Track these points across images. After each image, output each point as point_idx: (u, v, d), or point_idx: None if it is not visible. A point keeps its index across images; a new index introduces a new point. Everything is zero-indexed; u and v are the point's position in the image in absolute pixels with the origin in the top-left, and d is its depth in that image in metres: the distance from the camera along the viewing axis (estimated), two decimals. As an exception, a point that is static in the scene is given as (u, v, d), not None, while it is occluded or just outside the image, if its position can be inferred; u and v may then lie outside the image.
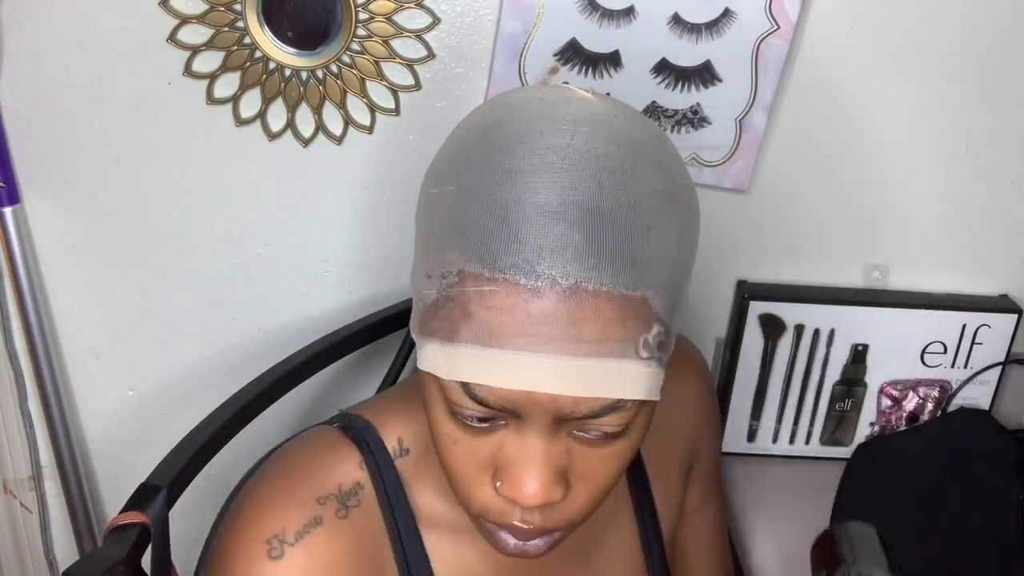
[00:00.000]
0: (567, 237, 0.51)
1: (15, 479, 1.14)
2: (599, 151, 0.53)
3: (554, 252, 0.51)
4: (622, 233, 0.52)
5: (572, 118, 0.55)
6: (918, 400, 1.15)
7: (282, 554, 0.62)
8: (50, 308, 1.08)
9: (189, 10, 0.95)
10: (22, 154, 1.01)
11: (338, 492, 0.65)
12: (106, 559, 0.67)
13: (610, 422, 0.55)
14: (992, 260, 1.12)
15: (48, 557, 1.19)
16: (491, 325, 0.52)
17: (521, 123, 0.55)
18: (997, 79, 1.03)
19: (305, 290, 1.09)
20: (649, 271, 0.53)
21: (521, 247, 0.51)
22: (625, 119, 0.57)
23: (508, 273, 0.51)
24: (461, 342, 0.53)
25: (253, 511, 0.65)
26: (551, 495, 0.56)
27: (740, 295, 1.10)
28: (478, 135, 0.57)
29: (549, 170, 0.52)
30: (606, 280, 0.51)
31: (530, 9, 0.96)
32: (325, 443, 0.69)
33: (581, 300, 0.51)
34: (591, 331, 0.51)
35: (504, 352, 0.52)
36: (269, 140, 1.01)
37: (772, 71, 0.99)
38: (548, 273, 0.51)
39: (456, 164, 0.56)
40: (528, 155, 0.53)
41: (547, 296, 0.51)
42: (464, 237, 0.53)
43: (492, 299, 0.52)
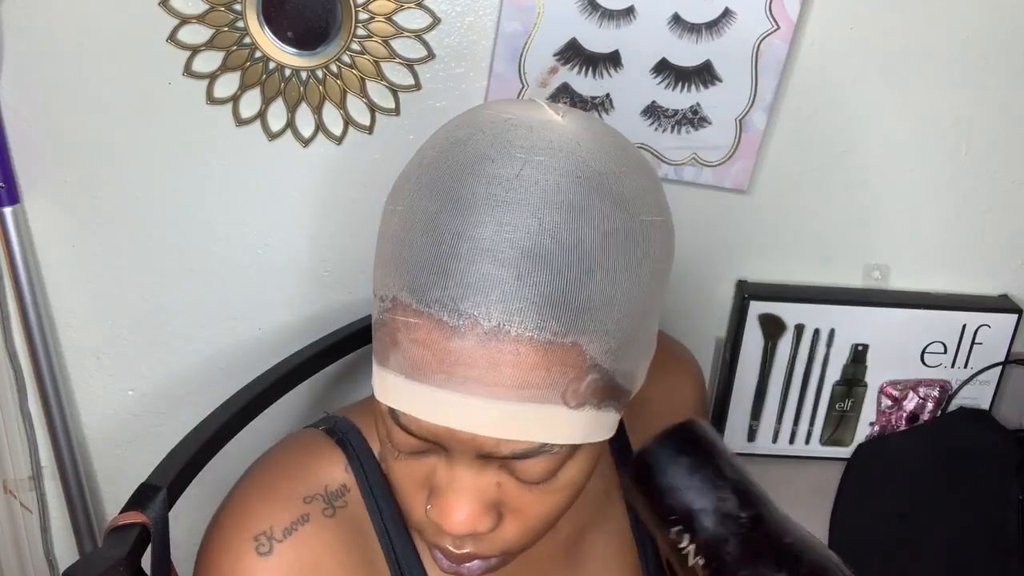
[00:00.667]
0: (495, 277, 0.49)
1: (15, 479, 1.14)
2: (548, 183, 0.51)
3: (479, 291, 0.49)
4: (556, 276, 0.50)
5: (528, 145, 0.53)
6: (918, 400, 1.15)
7: (271, 550, 0.62)
8: (50, 308, 1.08)
9: (189, 10, 0.95)
10: (22, 154, 1.01)
11: (324, 492, 0.65)
12: (106, 559, 0.67)
13: (538, 465, 0.54)
14: (992, 260, 1.12)
15: (48, 557, 1.19)
16: (414, 358, 0.51)
17: (475, 147, 0.53)
18: (997, 79, 1.03)
19: (305, 290, 1.09)
20: (585, 317, 0.51)
21: (447, 283, 0.50)
22: (592, 147, 0.54)
23: (433, 308, 0.50)
24: (390, 369, 0.53)
25: (238, 509, 0.65)
26: (477, 526, 0.55)
27: (740, 295, 1.10)
28: (435, 155, 0.55)
29: (491, 203, 0.50)
30: (530, 325, 0.49)
31: (530, 9, 0.96)
32: (309, 445, 0.69)
33: (502, 343, 0.50)
34: (510, 375, 0.50)
35: (424, 386, 0.51)
36: (269, 140, 1.01)
37: (772, 71, 0.99)
38: (470, 312, 0.50)
39: (410, 183, 0.55)
40: (473, 184, 0.51)
41: (468, 336, 0.50)
42: (401, 263, 0.52)
43: (416, 332, 0.51)
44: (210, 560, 0.64)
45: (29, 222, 1.04)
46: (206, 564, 0.64)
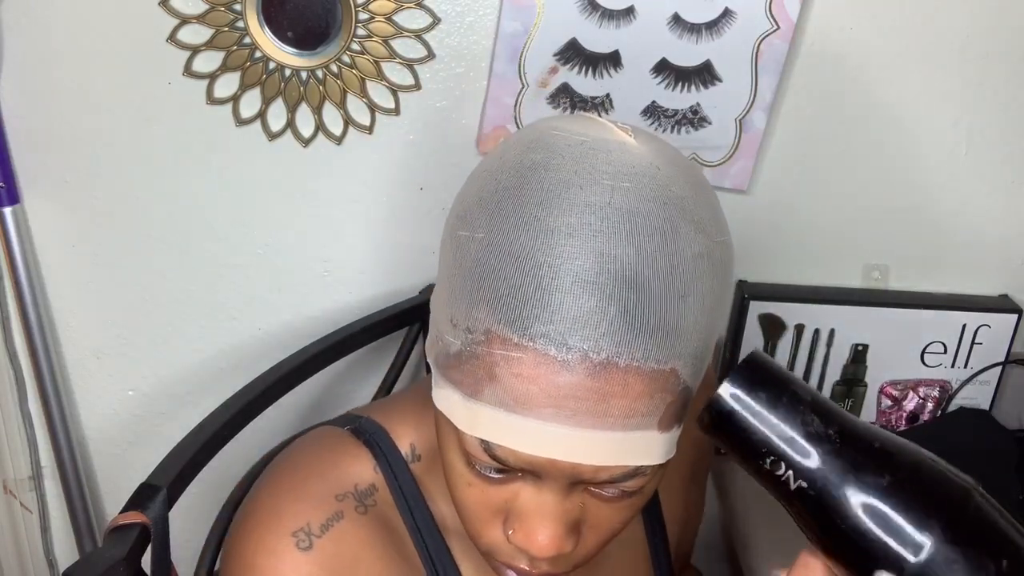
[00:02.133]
0: (602, 310, 0.50)
1: (15, 479, 1.14)
2: (639, 210, 0.51)
3: (587, 325, 0.50)
4: (657, 304, 0.50)
5: (613, 171, 0.53)
6: (918, 400, 1.15)
7: (311, 545, 0.62)
8: (50, 308, 1.08)
9: (189, 10, 0.95)
10: (22, 154, 1.01)
11: (355, 491, 0.65)
12: (106, 559, 0.67)
13: (629, 485, 0.55)
14: (992, 260, 1.12)
15: (48, 557, 1.19)
16: (517, 392, 0.51)
17: (559, 172, 0.53)
18: (997, 79, 1.03)
19: (305, 290, 1.09)
20: (680, 341, 0.52)
21: (553, 317, 0.50)
22: (669, 171, 0.54)
23: (538, 342, 0.50)
24: (483, 401, 0.52)
25: (270, 510, 0.64)
26: (562, 548, 0.56)
27: (740, 295, 1.10)
28: (513, 179, 0.54)
29: (587, 232, 0.50)
30: (637, 356, 0.50)
31: (530, 9, 0.96)
32: (336, 444, 0.68)
33: (611, 376, 0.50)
34: (619, 406, 0.51)
35: (527, 419, 0.51)
36: (269, 140, 1.01)
37: (772, 71, 0.99)
38: (580, 347, 0.50)
39: (488, 209, 0.54)
40: (566, 213, 0.51)
41: (577, 370, 0.50)
42: (494, 295, 0.52)
43: (519, 366, 0.51)
44: (247, 561, 0.62)
45: (29, 222, 1.04)
46: (243, 565, 0.63)
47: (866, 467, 0.49)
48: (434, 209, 1.06)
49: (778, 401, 0.50)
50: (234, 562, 0.64)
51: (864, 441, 0.50)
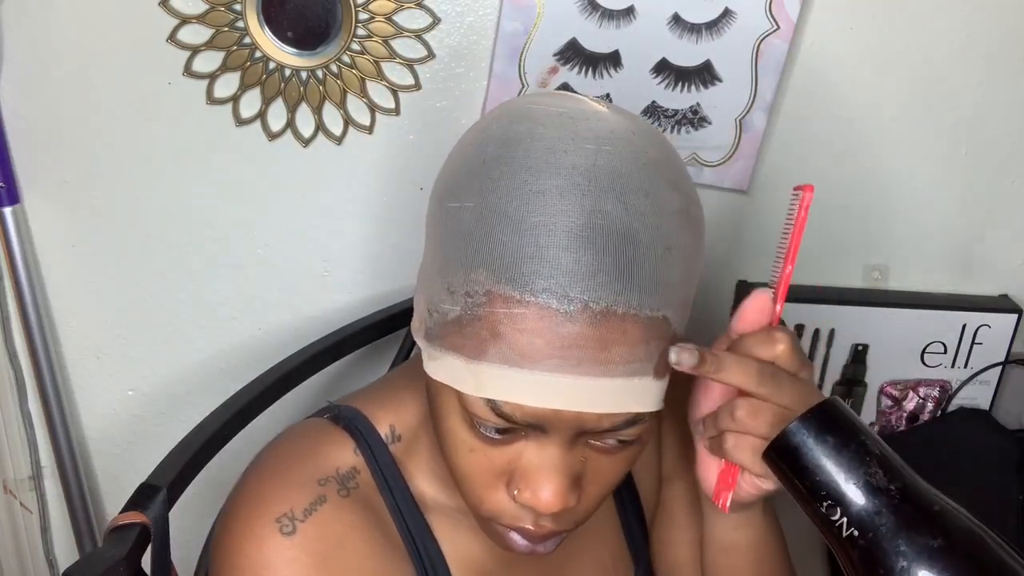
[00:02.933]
0: (598, 262, 0.52)
1: (15, 479, 1.14)
2: (623, 171, 0.54)
3: (586, 277, 0.52)
4: (648, 255, 0.54)
5: (594, 136, 0.56)
6: (918, 400, 1.15)
7: (294, 530, 0.63)
8: (50, 308, 1.08)
9: (189, 10, 0.95)
10: (22, 154, 1.01)
11: (336, 475, 0.66)
12: (106, 559, 0.67)
13: (629, 433, 0.57)
14: (992, 260, 1.12)
15: (48, 557, 1.19)
16: (522, 346, 0.53)
17: (543, 139, 0.55)
18: (997, 79, 1.03)
19: (305, 290, 1.09)
20: (670, 291, 0.55)
21: (553, 271, 0.52)
22: (641, 136, 0.58)
23: (540, 297, 0.52)
24: (488, 361, 0.54)
25: (254, 496, 0.65)
26: (568, 502, 0.58)
27: (740, 295, 1.10)
28: (499, 149, 0.56)
29: (577, 192, 0.53)
30: (634, 304, 0.53)
31: (530, 9, 0.96)
32: (315, 432, 0.70)
33: (611, 323, 0.53)
34: (619, 353, 0.54)
35: (534, 373, 0.53)
36: (269, 140, 1.01)
37: (772, 71, 0.99)
38: (580, 298, 0.52)
39: (477, 179, 0.56)
40: (555, 175, 0.54)
41: (579, 320, 0.52)
42: (492, 257, 0.54)
43: (523, 321, 0.53)
44: (232, 548, 0.63)
45: (29, 222, 1.04)
46: (229, 552, 0.64)
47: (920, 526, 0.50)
48: (434, 209, 1.06)
49: (845, 448, 0.52)
50: (221, 549, 0.65)
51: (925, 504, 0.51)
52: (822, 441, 0.52)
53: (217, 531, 0.66)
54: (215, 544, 0.66)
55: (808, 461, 0.52)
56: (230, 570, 0.63)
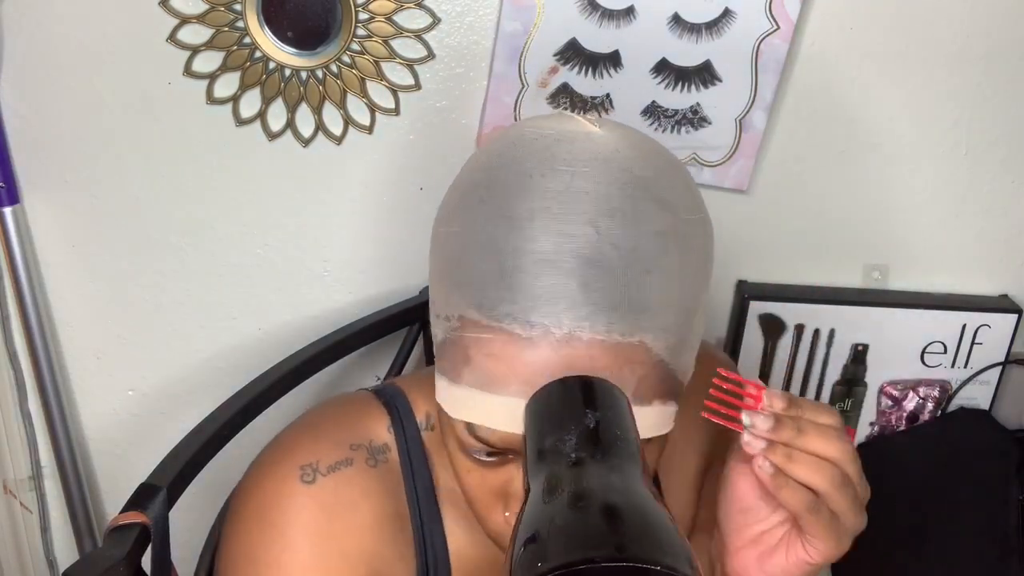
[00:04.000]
0: (562, 286, 0.51)
1: (15, 479, 1.14)
2: (599, 192, 0.53)
3: (548, 302, 0.51)
4: (618, 280, 0.52)
5: (572, 157, 0.55)
6: (918, 400, 1.15)
7: (314, 480, 0.64)
8: (50, 308, 1.08)
9: (189, 10, 0.95)
10: (22, 154, 1.01)
11: (369, 445, 0.68)
12: (106, 559, 0.67)
13: None
14: (992, 260, 1.12)
15: (48, 557, 1.19)
16: (488, 372, 0.53)
17: (521, 163, 0.55)
18: (997, 79, 1.03)
19: (305, 290, 1.09)
20: (646, 315, 0.53)
21: (515, 296, 0.52)
22: (631, 153, 0.56)
23: (504, 322, 0.52)
24: (464, 384, 0.55)
25: (288, 442, 0.67)
26: None
27: (740, 295, 1.10)
28: (482, 175, 0.57)
29: (546, 216, 0.52)
30: (600, 329, 0.52)
31: (530, 9, 0.96)
32: (359, 402, 0.71)
33: (575, 349, 0.52)
34: None
35: (502, 398, 0.53)
36: (269, 140, 1.01)
37: (772, 71, 0.99)
38: (541, 323, 0.52)
39: (462, 204, 0.57)
40: (526, 199, 0.53)
41: (541, 345, 0.52)
42: (465, 283, 0.54)
43: (489, 347, 0.53)
44: (255, 483, 0.66)
45: (29, 222, 1.04)
46: (250, 485, 0.66)
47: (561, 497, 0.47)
48: (434, 209, 1.05)
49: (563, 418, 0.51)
50: (243, 482, 0.68)
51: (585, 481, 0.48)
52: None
53: (249, 468, 0.69)
54: (242, 479, 0.69)
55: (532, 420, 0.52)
56: (245, 500, 0.66)
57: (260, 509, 0.65)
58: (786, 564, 0.57)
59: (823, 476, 0.53)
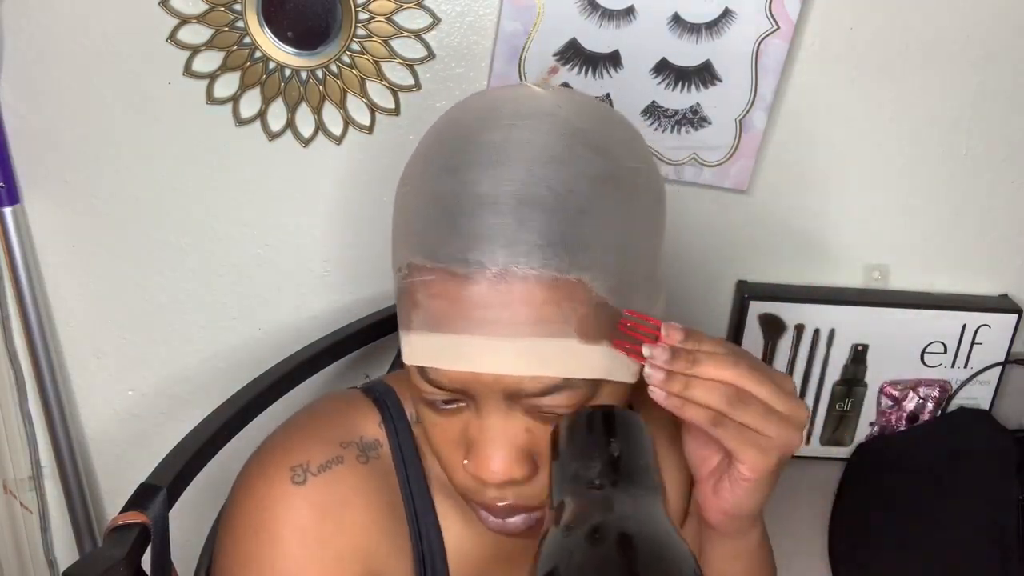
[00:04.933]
0: (498, 225, 0.54)
1: (15, 479, 1.14)
2: (536, 142, 0.55)
3: (484, 240, 0.54)
4: (553, 218, 0.54)
5: (513, 113, 0.57)
6: (918, 400, 1.15)
7: (305, 481, 0.65)
8: (50, 308, 1.08)
9: (189, 10, 0.95)
10: (22, 154, 1.01)
11: (359, 442, 0.68)
12: (106, 559, 0.67)
13: (562, 401, 0.57)
14: (992, 260, 1.12)
15: (48, 557, 1.19)
16: (434, 312, 0.55)
17: (466, 124, 0.58)
18: (997, 79, 1.03)
19: (305, 290, 1.09)
20: (584, 254, 0.54)
21: (454, 238, 0.54)
22: (572, 109, 0.58)
23: (444, 263, 0.54)
24: (414, 329, 0.57)
25: (278, 444, 0.68)
26: (512, 472, 0.58)
27: (740, 295, 1.10)
28: (433, 138, 0.60)
29: (485, 163, 0.55)
30: (535, 264, 0.53)
31: (530, 9, 0.96)
32: (349, 399, 0.72)
33: (511, 284, 0.53)
34: (524, 313, 0.54)
35: (447, 336, 0.55)
36: (269, 140, 1.01)
37: (772, 71, 0.99)
38: (478, 260, 0.54)
39: (414, 165, 0.60)
40: (469, 152, 0.56)
41: (479, 282, 0.54)
42: (412, 231, 0.57)
43: (432, 288, 0.55)
44: (246, 486, 0.67)
45: (29, 222, 1.04)
46: (241, 489, 0.67)
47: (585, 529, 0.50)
48: (434, 209, 1.06)
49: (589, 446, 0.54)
50: (236, 486, 0.68)
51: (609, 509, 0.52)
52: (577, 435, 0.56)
53: (241, 470, 0.69)
54: (236, 481, 0.69)
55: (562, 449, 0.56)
56: (237, 504, 0.67)
57: (252, 512, 0.65)
58: (730, 486, 0.60)
59: (718, 396, 0.56)
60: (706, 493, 0.63)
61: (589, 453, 0.52)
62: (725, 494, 0.61)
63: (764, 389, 0.57)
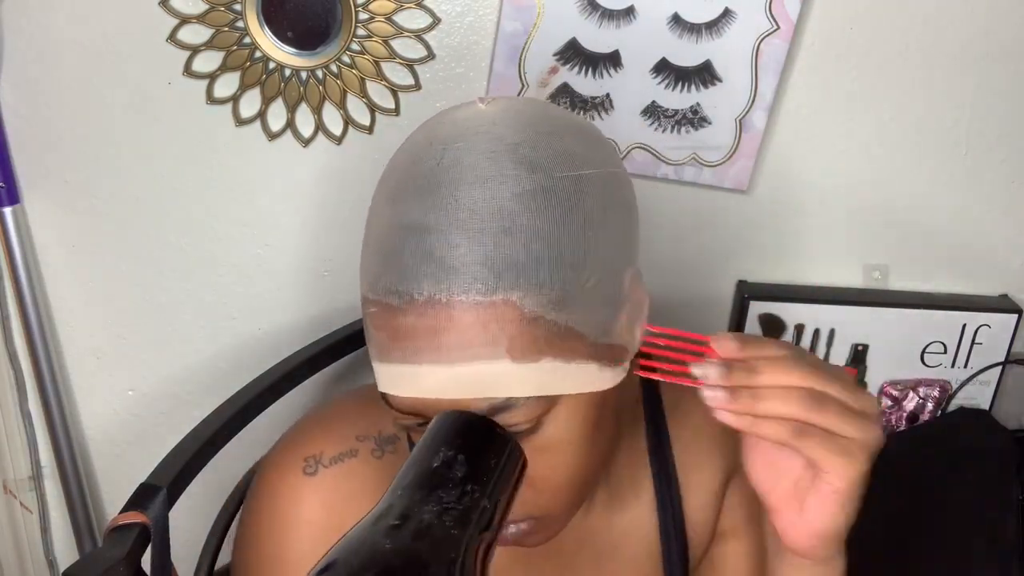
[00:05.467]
0: (422, 254, 0.54)
1: (15, 479, 1.14)
2: (464, 164, 0.55)
3: (412, 270, 0.54)
4: (474, 242, 0.53)
5: (447, 135, 0.57)
6: (918, 400, 1.15)
7: (316, 472, 0.67)
8: (50, 308, 1.08)
9: (189, 10, 0.95)
10: (22, 154, 1.01)
11: (378, 436, 0.69)
12: (106, 559, 0.67)
13: (518, 418, 0.55)
14: (992, 260, 1.12)
15: (48, 557, 1.19)
16: (379, 343, 0.56)
17: (407, 151, 0.59)
18: (997, 79, 1.03)
19: (305, 290, 1.09)
20: (510, 273, 0.53)
21: (387, 270, 0.55)
22: (508, 122, 0.57)
23: (381, 295, 0.55)
24: (372, 358, 0.58)
25: (296, 435, 0.70)
26: None
27: (740, 295, 1.10)
28: (387, 167, 0.61)
29: (417, 192, 0.55)
30: (456, 290, 0.53)
31: (530, 9, 0.96)
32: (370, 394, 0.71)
33: (437, 312, 0.53)
34: (451, 340, 0.53)
35: (389, 365, 0.56)
36: (269, 140, 1.01)
37: (772, 71, 0.99)
38: (407, 291, 0.54)
39: (373, 197, 0.62)
40: (403, 181, 0.57)
41: (408, 312, 0.54)
42: (363, 265, 0.59)
43: (376, 320, 0.56)
44: (262, 475, 0.69)
45: (29, 222, 1.04)
46: (258, 479, 0.69)
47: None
48: (434, 209, 1.06)
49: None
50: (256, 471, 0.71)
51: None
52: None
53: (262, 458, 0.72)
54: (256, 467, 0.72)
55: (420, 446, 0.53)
56: (252, 491, 0.69)
57: (264, 501, 0.67)
58: (819, 503, 0.55)
59: (793, 402, 0.52)
60: (790, 518, 0.57)
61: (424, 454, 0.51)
62: (814, 514, 0.56)
63: (835, 387, 0.53)
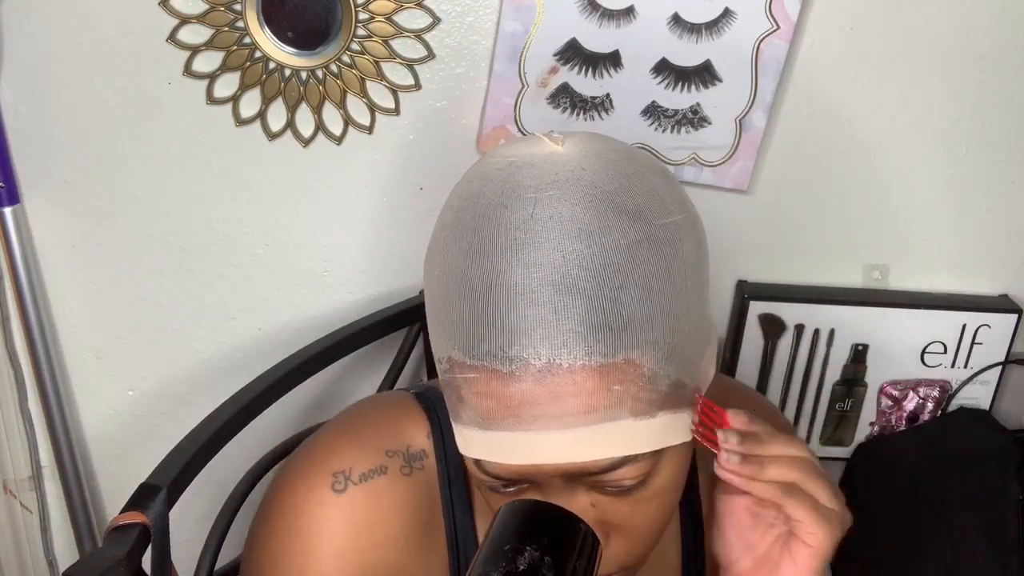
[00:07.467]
0: (535, 317, 0.51)
1: (15, 479, 1.14)
2: (563, 215, 0.53)
3: (523, 334, 0.51)
4: (591, 301, 0.51)
5: (535, 183, 0.54)
6: (918, 400, 1.15)
7: (345, 489, 0.64)
8: (50, 308, 1.08)
9: (189, 10, 0.95)
10: (22, 154, 1.01)
11: (406, 451, 0.67)
12: (106, 559, 0.67)
13: (624, 475, 0.55)
14: (992, 260, 1.12)
15: (48, 557, 1.19)
16: (480, 409, 0.54)
17: (488, 196, 0.55)
18: (997, 79, 1.03)
19: (305, 290, 1.09)
20: (628, 332, 0.52)
21: (492, 332, 0.52)
22: (597, 167, 0.55)
23: (485, 360, 0.52)
24: (463, 423, 0.56)
25: (323, 446, 0.67)
26: None
27: (740, 295, 1.10)
28: (453, 215, 0.57)
29: (513, 247, 0.52)
30: (579, 354, 0.51)
31: (530, 9, 0.96)
32: (399, 405, 0.70)
33: (557, 378, 0.51)
34: (574, 404, 0.52)
35: (497, 433, 0.53)
36: (269, 140, 1.01)
37: (772, 71, 0.99)
38: (520, 356, 0.51)
39: (439, 246, 0.57)
40: (495, 234, 0.53)
41: (524, 379, 0.52)
42: (447, 325, 0.55)
43: (476, 385, 0.53)
44: (287, 484, 0.66)
45: (29, 222, 1.04)
46: (282, 488, 0.66)
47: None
48: (434, 209, 1.04)
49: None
50: (276, 483, 0.68)
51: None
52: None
53: (283, 467, 0.68)
54: (275, 479, 0.68)
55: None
56: (276, 500, 0.66)
57: (289, 512, 0.65)
58: (794, 565, 0.58)
59: (793, 468, 0.56)
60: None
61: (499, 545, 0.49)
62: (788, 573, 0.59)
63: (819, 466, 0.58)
